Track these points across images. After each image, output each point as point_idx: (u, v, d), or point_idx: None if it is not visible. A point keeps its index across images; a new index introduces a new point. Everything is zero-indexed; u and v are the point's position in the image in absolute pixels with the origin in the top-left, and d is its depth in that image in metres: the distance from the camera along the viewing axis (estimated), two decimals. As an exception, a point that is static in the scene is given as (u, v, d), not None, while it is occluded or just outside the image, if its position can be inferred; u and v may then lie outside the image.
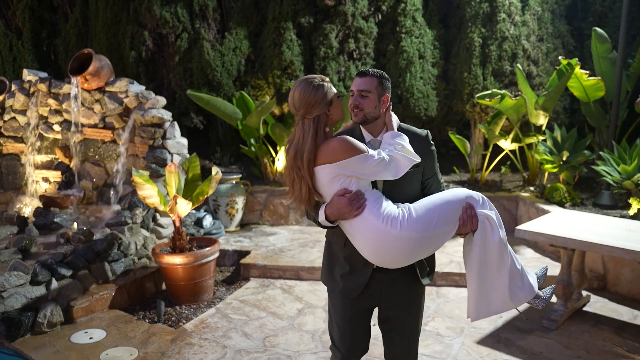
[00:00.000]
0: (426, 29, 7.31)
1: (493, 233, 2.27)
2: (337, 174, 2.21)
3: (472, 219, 2.26)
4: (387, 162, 2.20)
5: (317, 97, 2.23)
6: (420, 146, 2.40)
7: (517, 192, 6.56)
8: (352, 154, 2.17)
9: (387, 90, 2.41)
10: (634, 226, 4.31)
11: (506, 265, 2.30)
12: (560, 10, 7.37)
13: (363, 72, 2.40)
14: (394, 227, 2.19)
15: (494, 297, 2.32)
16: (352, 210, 2.20)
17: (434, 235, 2.24)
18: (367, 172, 2.21)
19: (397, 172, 2.25)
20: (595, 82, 6.11)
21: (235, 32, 7.26)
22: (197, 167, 4.85)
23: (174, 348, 3.82)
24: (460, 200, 2.27)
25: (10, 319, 3.87)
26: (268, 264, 5.30)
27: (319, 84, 2.26)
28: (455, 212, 2.26)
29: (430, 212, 2.23)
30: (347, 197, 2.20)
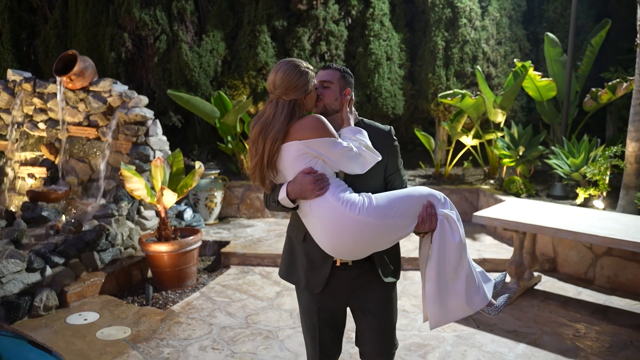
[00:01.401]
0: (393, 32, 7.77)
1: (453, 233, 2.26)
2: (303, 152, 2.18)
3: (432, 217, 2.24)
4: (354, 153, 2.20)
5: (300, 82, 2.22)
6: (383, 141, 2.40)
7: (478, 184, 7.06)
8: (323, 135, 2.16)
9: (350, 85, 2.42)
10: (579, 212, 4.82)
11: (464, 267, 2.29)
12: (517, 16, 7.91)
13: (327, 66, 2.45)
14: (352, 210, 2.16)
15: (452, 302, 2.29)
16: (315, 189, 2.16)
17: (392, 225, 2.21)
18: (334, 157, 2.19)
19: (364, 167, 2.25)
20: (548, 83, 6.65)
21: (212, 35, 7.59)
22: (181, 162, 5.19)
23: (164, 326, 4.17)
24: (422, 196, 2.26)
25: (9, 303, 4.15)
26: (247, 253, 5.67)
27: (304, 69, 2.25)
28: (416, 207, 2.24)
29: (390, 203, 2.21)
30: (312, 176, 2.17)
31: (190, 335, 4.03)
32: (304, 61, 2.29)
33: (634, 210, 5.42)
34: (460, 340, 3.95)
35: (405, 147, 8.44)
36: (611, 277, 5.00)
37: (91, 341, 3.89)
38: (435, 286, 2.26)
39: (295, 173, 2.19)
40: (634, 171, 5.59)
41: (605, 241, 4.06)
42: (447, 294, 2.28)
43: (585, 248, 5.17)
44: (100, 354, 3.69)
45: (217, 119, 6.99)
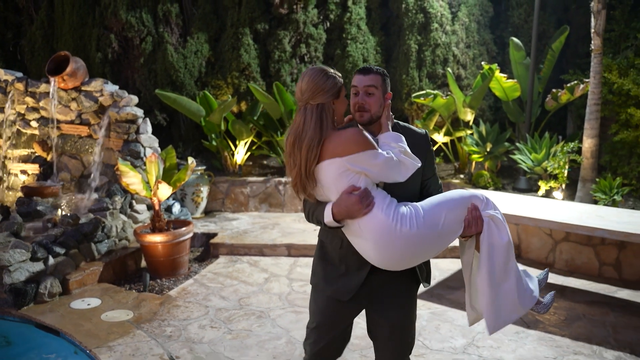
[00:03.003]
0: (369, 36, 8.20)
1: (500, 233, 2.22)
2: (346, 169, 2.11)
3: (478, 220, 2.19)
4: (395, 162, 2.14)
5: (327, 85, 2.17)
6: (420, 145, 2.35)
7: (449, 179, 7.55)
8: (365, 148, 2.10)
9: (389, 88, 2.35)
10: (540, 202, 5.32)
11: (513, 267, 2.25)
12: (484, 21, 8.43)
13: (366, 69, 2.32)
14: (404, 224, 2.11)
15: (506, 305, 2.25)
16: (362, 208, 2.10)
17: (443, 234, 2.17)
18: (376, 169, 2.13)
19: (405, 175, 2.19)
20: (513, 84, 7.17)
21: (196, 37, 7.91)
22: (174, 158, 5.52)
23: (164, 309, 4.51)
24: (466, 200, 2.22)
25: (17, 289, 4.44)
26: (235, 243, 6.03)
27: (331, 74, 2.20)
28: (461, 211, 2.20)
29: (437, 210, 2.17)
30: (356, 194, 2.10)
31: (189, 316, 4.39)
32: (331, 69, 2.26)
33: (590, 200, 5.96)
34: (434, 316, 4.40)
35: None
36: (569, 260, 5.52)
37: (97, 323, 4.21)
38: (489, 291, 2.22)
39: (339, 192, 2.13)
40: (589, 165, 6.14)
41: (561, 226, 4.56)
42: (500, 298, 2.23)
43: (546, 235, 5.68)
44: (108, 334, 4.02)
45: (202, 117, 7.31)
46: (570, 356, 3.76)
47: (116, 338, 3.95)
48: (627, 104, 6.23)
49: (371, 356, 3.72)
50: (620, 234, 4.28)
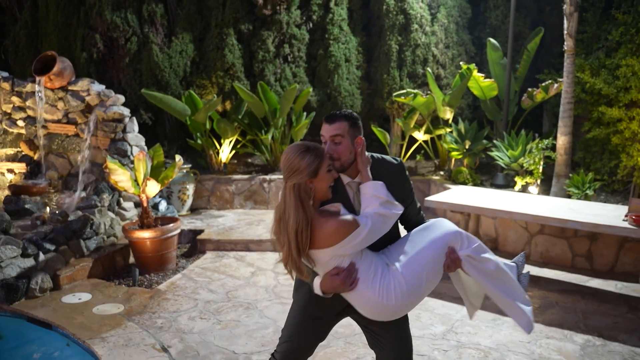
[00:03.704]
0: (351, 36, 8.38)
1: (485, 264, 2.38)
2: (333, 255, 2.23)
3: (456, 261, 2.33)
4: (374, 226, 2.24)
5: (301, 165, 2.17)
6: (396, 176, 2.47)
7: (430, 175, 7.76)
8: (347, 234, 2.19)
9: (359, 131, 2.38)
10: (516, 197, 5.55)
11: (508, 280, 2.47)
12: (463, 22, 8.66)
13: (332, 117, 2.35)
14: (389, 300, 2.24)
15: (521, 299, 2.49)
16: (346, 287, 2.23)
17: (425, 292, 2.36)
18: (362, 244, 2.24)
19: (388, 227, 2.32)
20: (490, 83, 7.40)
21: (181, 37, 8.02)
22: (161, 155, 5.64)
23: (154, 302, 4.64)
24: (443, 246, 2.33)
25: (9, 285, 4.54)
26: (221, 239, 6.17)
27: (306, 150, 2.20)
28: (440, 262, 2.33)
29: (418, 274, 2.29)
30: (340, 277, 2.22)
31: (178, 308, 4.52)
32: (313, 143, 2.25)
33: (564, 195, 6.20)
34: (415, 306, 4.59)
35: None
36: (543, 252, 5.76)
37: (89, 316, 4.33)
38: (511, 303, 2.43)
39: (326, 271, 2.28)
40: (563, 161, 6.38)
41: (535, 218, 4.79)
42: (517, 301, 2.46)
43: (522, 228, 5.91)
44: (100, 326, 4.15)
45: (188, 116, 7.42)
46: (543, 340, 3.98)
47: (108, 330, 4.08)
48: (599, 103, 6.47)
49: (355, 343, 3.91)
50: (590, 225, 4.52)
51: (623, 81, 6.03)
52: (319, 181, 2.22)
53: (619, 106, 6.09)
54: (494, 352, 3.80)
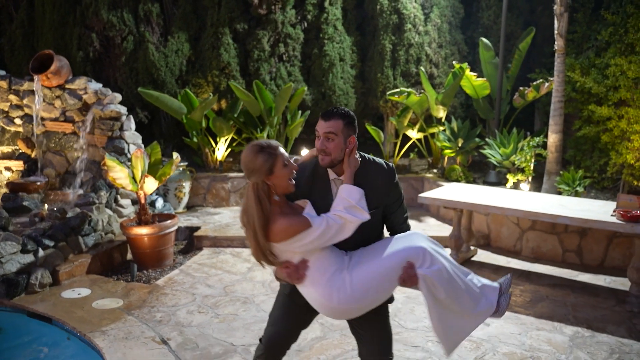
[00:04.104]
0: (345, 35, 8.48)
1: (436, 291, 2.34)
2: (285, 250, 2.35)
3: (412, 277, 2.31)
4: (329, 229, 2.30)
5: (255, 165, 2.27)
6: (385, 179, 2.49)
7: (423, 173, 7.87)
8: (294, 234, 2.27)
9: (354, 131, 2.42)
10: (508, 194, 5.66)
11: (458, 299, 2.40)
12: (456, 22, 8.78)
13: (329, 112, 2.39)
14: (331, 301, 2.33)
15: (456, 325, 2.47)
16: (293, 280, 2.37)
17: (374, 300, 2.37)
18: (313, 245, 2.31)
19: (349, 232, 2.35)
20: (482, 82, 7.52)
21: (177, 36, 8.09)
22: (159, 153, 5.71)
23: (152, 297, 4.72)
24: (401, 260, 2.33)
25: (9, 280, 4.60)
26: (218, 236, 6.24)
27: (259, 151, 2.28)
28: (394, 273, 2.33)
29: (367, 283, 2.32)
30: (286, 271, 2.35)
31: (176, 303, 4.60)
32: (267, 141, 2.34)
33: (555, 192, 6.32)
34: (408, 300, 4.69)
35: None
36: (535, 248, 5.87)
37: (89, 310, 4.40)
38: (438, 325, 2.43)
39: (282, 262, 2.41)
40: (554, 159, 6.50)
41: (526, 214, 4.90)
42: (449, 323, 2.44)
43: (514, 224, 6.03)
44: (100, 320, 4.22)
45: (184, 115, 7.49)
46: (533, 332, 4.09)
47: (108, 323, 4.15)
48: (589, 102, 6.60)
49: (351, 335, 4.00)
50: (579, 220, 4.63)
51: (612, 80, 6.15)
52: (276, 178, 2.30)
53: (609, 105, 6.22)
54: (485, 344, 3.91)
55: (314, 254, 2.36)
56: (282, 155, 2.33)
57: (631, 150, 5.90)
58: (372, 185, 2.44)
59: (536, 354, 3.75)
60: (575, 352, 3.78)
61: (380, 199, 2.46)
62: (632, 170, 6.02)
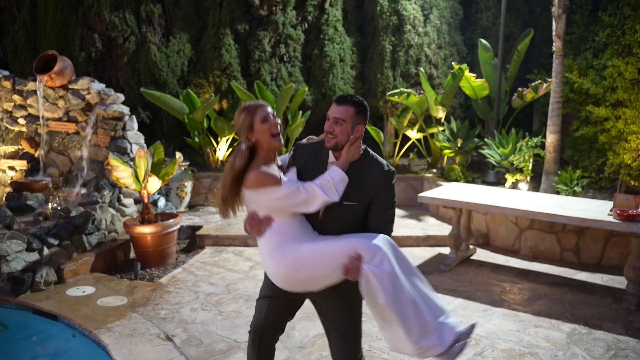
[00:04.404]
0: (346, 36, 8.55)
1: (376, 294, 2.32)
2: (252, 199, 2.49)
3: (355, 269, 2.32)
4: (296, 195, 2.40)
5: (238, 123, 2.48)
6: (377, 179, 2.49)
7: (423, 173, 7.94)
8: (261, 186, 2.41)
9: (363, 121, 2.47)
10: (507, 193, 5.73)
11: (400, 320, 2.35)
12: (455, 23, 8.85)
13: (342, 99, 2.45)
14: (272, 260, 2.46)
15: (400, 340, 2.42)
16: (253, 231, 2.50)
17: (312, 276, 2.42)
18: (278, 203, 2.42)
19: (308, 207, 2.42)
20: (481, 83, 7.59)
21: (179, 37, 8.16)
22: (162, 153, 5.77)
23: (156, 295, 4.78)
24: (349, 250, 2.36)
25: (15, 278, 4.66)
26: (220, 234, 6.31)
27: (241, 111, 2.47)
28: (338, 259, 2.36)
29: (310, 257, 2.40)
30: (247, 221, 2.50)
31: (180, 300, 4.67)
32: (251, 102, 2.53)
33: (553, 191, 6.40)
34: (409, 298, 4.75)
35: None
36: (533, 247, 5.95)
37: (94, 308, 4.47)
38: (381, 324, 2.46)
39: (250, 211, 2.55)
40: (552, 159, 6.58)
41: (524, 213, 4.97)
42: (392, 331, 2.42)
43: (512, 224, 6.10)
44: (105, 317, 4.28)
45: (185, 115, 7.56)
46: (531, 329, 4.16)
47: (113, 320, 4.21)
48: (587, 102, 6.67)
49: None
50: (577, 220, 4.70)
51: (610, 81, 6.23)
52: (257, 133, 2.45)
53: (606, 105, 6.29)
54: (484, 340, 3.98)
55: (281, 217, 2.46)
56: (261, 112, 2.48)
57: (628, 150, 5.98)
58: (362, 179, 2.48)
59: (534, 350, 3.82)
60: (573, 349, 3.86)
61: (365, 195, 2.48)
62: (629, 170, 6.10)
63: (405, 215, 7.12)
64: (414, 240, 6.26)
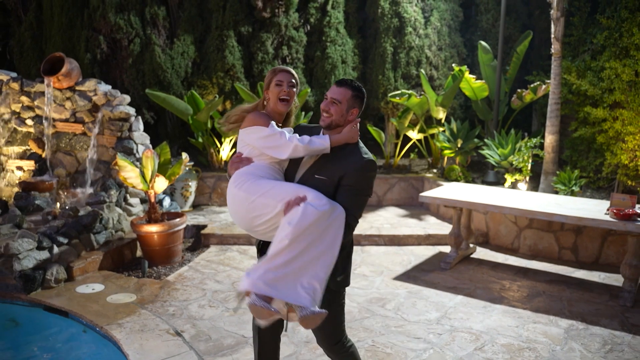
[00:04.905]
0: (347, 38, 8.67)
1: (293, 217, 2.39)
2: (241, 139, 2.72)
3: (296, 202, 2.43)
4: (279, 137, 2.59)
5: (265, 79, 2.81)
6: (351, 162, 2.56)
7: (423, 173, 8.06)
8: (252, 124, 2.66)
9: (359, 105, 2.61)
10: (505, 193, 5.85)
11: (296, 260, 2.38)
12: (455, 25, 8.97)
13: (342, 82, 2.61)
14: (234, 181, 2.63)
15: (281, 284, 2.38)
16: (231, 168, 2.69)
17: (260, 203, 2.51)
18: (258, 143, 2.63)
19: (282, 151, 2.59)
20: (481, 84, 7.71)
21: (183, 39, 8.27)
22: (168, 153, 5.89)
23: (164, 292, 4.90)
24: (301, 191, 2.48)
25: (26, 275, 4.78)
26: (225, 234, 6.42)
27: (271, 70, 2.80)
28: (286, 193, 2.49)
29: (266, 185, 2.55)
30: (231, 161, 2.72)
31: (188, 297, 4.78)
32: (280, 67, 2.81)
33: (551, 191, 6.52)
34: (410, 295, 4.88)
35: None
36: (532, 246, 6.07)
37: (104, 305, 4.58)
38: (269, 258, 2.40)
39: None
40: (551, 159, 6.69)
41: (523, 212, 5.09)
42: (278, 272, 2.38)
43: (512, 223, 6.22)
44: (115, 313, 4.40)
45: (190, 116, 7.67)
46: (530, 325, 4.28)
47: (124, 317, 4.33)
48: (585, 103, 6.80)
49: (356, 327, 4.19)
50: (574, 218, 4.82)
51: (607, 83, 6.35)
52: (270, 92, 2.75)
53: (604, 107, 6.41)
54: (484, 335, 4.10)
55: (260, 161, 2.68)
56: (280, 76, 2.75)
57: (625, 151, 6.10)
58: (341, 159, 2.58)
59: (533, 345, 3.94)
60: (570, 344, 3.98)
61: (334, 173, 2.56)
62: (626, 170, 6.22)
63: (406, 215, 7.24)
64: (415, 239, 6.39)
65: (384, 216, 7.19)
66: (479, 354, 3.82)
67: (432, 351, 3.87)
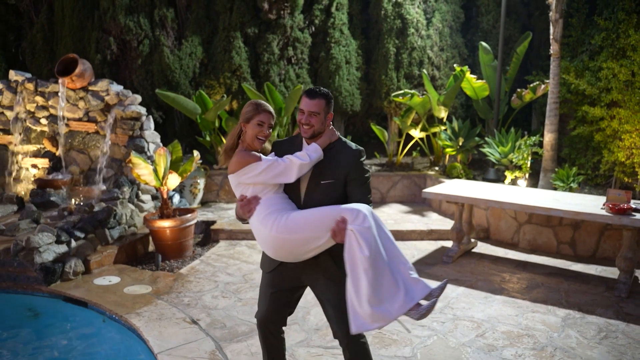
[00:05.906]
0: (351, 39, 8.88)
1: (361, 247, 2.47)
2: (238, 182, 2.71)
3: (341, 231, 2.51)
4: (277, 165, 2.65)
5: (243, 109, 2.78)
6: (347, 157, 2.74)
7: (425, 171, 8.26)
8: (244, 165, 2.65)
9: (331, 108, 2.78)
10: (506, 189, 6.05)
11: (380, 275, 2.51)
12: (456, 26, 9.18)
13: (312, 93, 2.72)
14: (265, 227, 2.61)
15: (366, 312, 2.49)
16: (245, 212, 2.68)
17: (303, 239, 2.58)
18: (260, 177, 2.65)
19: (287, 175, 2.66)
20: (482, 84, 7.92)
21: (190, 40, 8.48)
22: (179, 151, 6.09)
23: (178, 284, 5.11)
24: (336, 213, 2.55)
25: (47, 268, 4.99)
26: (233, 229, 6.63)
27: (252, 103, 2.77)
28: (326, 222, 2.55)
29: (302, 220, 2.59)
30: (240, 203, 2.69)
31: (201, 289, 4.99)
32: (265, 103, 2.79)
33: (550, 188, 6.72)
34: (415, 286, 5.08)
35: (361, 139, 9.60)
36: (531, 240, 6.27)
37: (121, 295, 4.79)
38: (350, 296, 2.51)
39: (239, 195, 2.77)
40: (550, 157, 6.90)
41: (522, 207, 5.29)
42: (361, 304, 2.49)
43: (511, 218, 6.42)
44: (133, 303, 4.61)
45: (198, 115, 7.88)
46: (529, 314, 4.49)
47: (141, 307, 4.54)
48: (583, 103, 6.99)
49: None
50: (572, 213, 5.02)
51: (605, 82, 6.54)
52: (249, 127, 2.74)
53: (601, 106, 6.61)
54: (485, 324, 4.30)
55: (267, 194, 2.70)
56: (263, 117, 2.76)
57: (622, 148, 6.30)
58: (336, 160, 2.75)
59: (531, 332, 4.15)
60: (567, 331, 4.18)
61: (339, 173, 2.72)
62: (623, 167, 6.42)
63: (409, 211, 7.45)
64: (418, 234, 6.59)
65: (387, 212, 7.40)
66: (481, 340, 4.03)
67: (436, 337, 4.08)
